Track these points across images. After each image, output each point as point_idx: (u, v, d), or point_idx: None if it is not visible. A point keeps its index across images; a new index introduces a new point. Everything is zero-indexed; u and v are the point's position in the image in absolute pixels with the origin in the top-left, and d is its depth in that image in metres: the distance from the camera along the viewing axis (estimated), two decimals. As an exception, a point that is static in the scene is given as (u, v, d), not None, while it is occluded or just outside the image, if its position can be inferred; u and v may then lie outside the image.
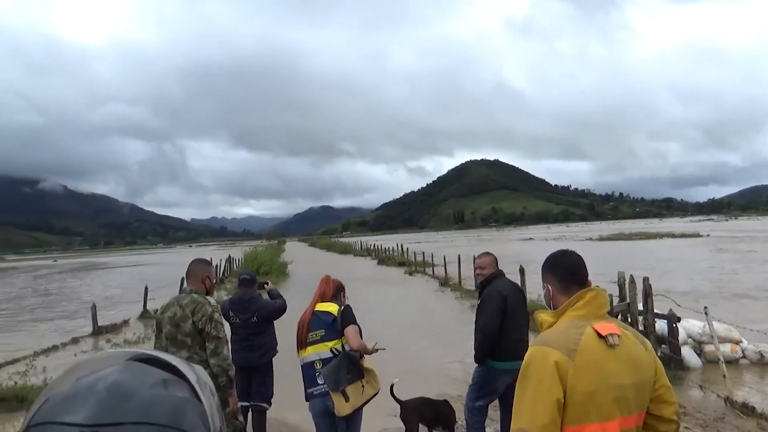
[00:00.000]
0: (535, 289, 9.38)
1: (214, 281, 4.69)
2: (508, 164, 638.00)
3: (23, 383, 8.30)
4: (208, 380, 0.94)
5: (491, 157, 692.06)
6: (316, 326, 4.54)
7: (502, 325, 4.84)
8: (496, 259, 5.30)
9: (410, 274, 27.04)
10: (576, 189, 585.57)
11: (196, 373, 0.92)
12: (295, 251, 58.13)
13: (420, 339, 11.25)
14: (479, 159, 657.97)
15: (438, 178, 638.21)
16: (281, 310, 6.05)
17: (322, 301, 4.70)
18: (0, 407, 7.81)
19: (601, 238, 60.11)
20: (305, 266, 32.22)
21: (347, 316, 4.55)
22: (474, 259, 6.19)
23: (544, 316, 2.23)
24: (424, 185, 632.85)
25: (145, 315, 16.33)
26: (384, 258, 37.96)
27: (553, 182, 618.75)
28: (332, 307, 4.59)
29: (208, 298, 4.48)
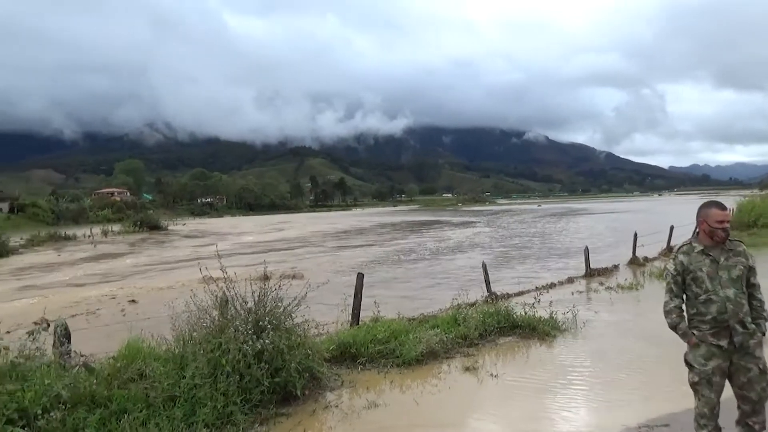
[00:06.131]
0: None
1: (713, 226, 3.87)
2: None
3: (532, 314, 8.98)
4: None
5: None
6: None
7: None
8: None
9: None
10: None
11: None
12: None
13: None
14: None
15: None
16: None
17: None
18: (515, 333, 8.64)
19: None
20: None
21: None
22: None
23: None
24: None
25: (634, 261, 16.02)
26: None
27: None
28: None
29: (683, 245, 4.09)
